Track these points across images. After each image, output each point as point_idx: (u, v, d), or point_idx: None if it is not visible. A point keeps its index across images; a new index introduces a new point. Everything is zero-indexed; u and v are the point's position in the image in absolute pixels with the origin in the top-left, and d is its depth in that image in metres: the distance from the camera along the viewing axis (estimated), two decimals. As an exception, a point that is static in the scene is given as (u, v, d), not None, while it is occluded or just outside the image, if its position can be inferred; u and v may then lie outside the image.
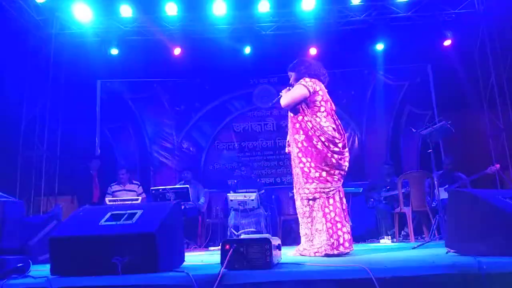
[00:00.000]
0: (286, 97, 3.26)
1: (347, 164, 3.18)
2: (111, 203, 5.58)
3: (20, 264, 2.08)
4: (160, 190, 5.45)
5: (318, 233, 3.05)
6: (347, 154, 3.19)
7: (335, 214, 3.06)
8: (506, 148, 6.23)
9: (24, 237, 3.39)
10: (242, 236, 2.10)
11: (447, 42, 6.94)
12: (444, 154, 6.88)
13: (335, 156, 3.09)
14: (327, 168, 3.09)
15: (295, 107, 3.26)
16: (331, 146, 3.09)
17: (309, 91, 3.22)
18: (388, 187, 6.05)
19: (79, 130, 7.05)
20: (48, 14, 6.51)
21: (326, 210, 3.06)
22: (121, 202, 5.58)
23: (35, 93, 6.55)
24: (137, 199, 5.92)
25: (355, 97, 7.83)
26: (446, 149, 6.87)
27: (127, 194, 6.16)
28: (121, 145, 7.74)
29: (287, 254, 3.25)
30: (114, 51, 7.07)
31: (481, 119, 6.64)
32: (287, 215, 6.41)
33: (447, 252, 2.49)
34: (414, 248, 3.51)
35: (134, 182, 6.43)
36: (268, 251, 1.93)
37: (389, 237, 5.48)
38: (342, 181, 3.20)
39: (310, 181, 3.09)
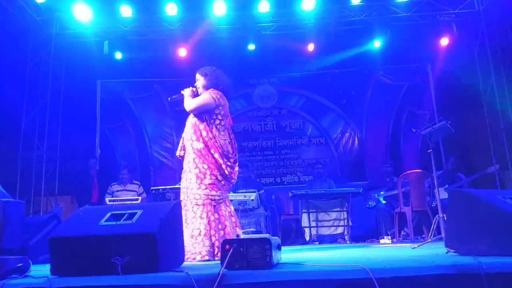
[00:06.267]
0: (193, 103, 3.30)
1: (235, 178, 3.36)
2: (111, 203, 5.58)
3: (20, 264, 2.08)
4: (160, 190, 5.44)
5: (194, 239, 3.06)
6: (236, 168, 3.35)
7: (219, 222, 3.16)
8: (506, 148, 6.22)
9: (24, 237, 3.39)
10: (242, 236, 2.09)
11: (445, 41, 6.93)
12: (444, 154, 6.87)
13: (228, 169, 3.22)
14: (220, 178, 3.21)
15: (200, 114, 3.29)
16: (225, 159, 3.21)
17: (215, 103, 3.29)
18: (388, 187, 6.05)
19: (79, 130, 7.04)
20: (48, 14, 6.50)
21: (212, 217, 3.13)
22: (121, 202, 5.58)
23: (35, 93, 6.55)
24: (137, 199, 5.92)
25: (355, 97, 7.84)
26: (446, 149, 6.87)
27: (127, 194, 6.16)
28: (121, 145, 7.74)
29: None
30: (106, 50, 6.95)
31: (481, 119, 6.63)
32: (287, 215, 6.40)
33: (447, 252, 2.49)
34: (414, 248, 3.50)
35: (135, 182, 6.42)
36: (268, 251, 1.93)
37: (389, 237, 5.48)
38: (229, 192, 3.39)
39: (203, 187, 3.16)
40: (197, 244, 3.02)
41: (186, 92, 3.42)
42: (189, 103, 3.30)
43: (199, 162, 3.19)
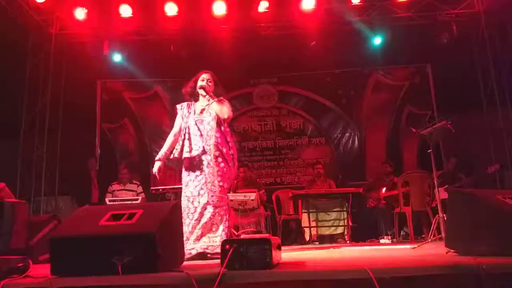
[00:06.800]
0: (230, 111, 3.47)
1: None
2: (111, 202, 5.58)
3: (20, 264, 2.08)
4: (160, 190, 5.44)
5: (213, 233, 3.28)
6: None
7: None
8: (506, 148, 6.22)
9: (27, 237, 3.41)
10: (242, 236, 2.10)
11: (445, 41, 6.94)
12: (444, 154, 6.87)
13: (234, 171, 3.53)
14: (230, 181, 3.51)
15: (226, 122, 3.48)
16: (237, 163, 3.52)
17: None
18: (388, 187, 6.05)
19: (79, 130, 7.04)
20: (48, 14, 6.49)
21: (227, 216, 3.38)
22: (121, 202, 5.58)
23: (35, 93, 6.54)
24: (137, 199, 5.91)
25: (355, 97, 7.84)
26: (446, 149, 6.87)
27: (127, 194, 6.15)
28: (121, 145, 7.73)
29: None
30: (107, 50, 6.94)
31: (481, 119, 6.63)
32: (287, 215, 6.41)
33: (447, 252, 2.49)
34: (414, 248, 3.51)
35: (134, 181, 6.42)
36: (268, 251, 1.93)
37: (389, 237, 5.47)
38: None
39: (223, 190, 3.37)
40: (215, 237, 3.23)
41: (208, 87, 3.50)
42: (228, 111, 3.44)
43: (224, 167, 3.36)
